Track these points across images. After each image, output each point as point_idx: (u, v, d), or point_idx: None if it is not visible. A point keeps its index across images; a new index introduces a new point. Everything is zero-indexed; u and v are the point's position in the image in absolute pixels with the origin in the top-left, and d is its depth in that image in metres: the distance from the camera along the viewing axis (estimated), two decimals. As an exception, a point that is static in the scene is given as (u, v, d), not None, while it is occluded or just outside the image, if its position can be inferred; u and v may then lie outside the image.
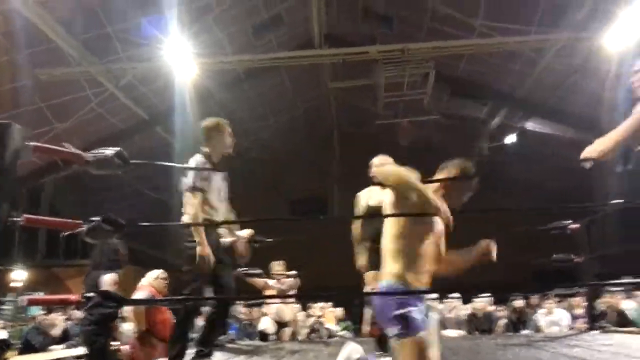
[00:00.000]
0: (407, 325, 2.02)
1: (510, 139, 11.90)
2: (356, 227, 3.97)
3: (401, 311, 2.05)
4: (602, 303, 6.50)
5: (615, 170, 2.46)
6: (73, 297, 1.86)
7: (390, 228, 2.23)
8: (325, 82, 11.61)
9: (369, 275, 3.68)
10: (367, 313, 6.16)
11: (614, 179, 10.31)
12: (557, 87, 10.09)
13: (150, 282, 5.14)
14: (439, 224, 2.23)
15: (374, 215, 3.55)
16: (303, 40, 10.75)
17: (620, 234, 11.22)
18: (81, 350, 5.62)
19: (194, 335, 3.56)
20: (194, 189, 3.32)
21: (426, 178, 2.23)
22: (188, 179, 3.38)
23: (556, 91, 10.21)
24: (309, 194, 15.91)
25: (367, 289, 3.63)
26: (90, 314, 4.27)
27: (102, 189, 12.31)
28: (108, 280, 4.57)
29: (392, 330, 2.05)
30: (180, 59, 8.30)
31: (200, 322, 4.02)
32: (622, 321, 6.13)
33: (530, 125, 11.74)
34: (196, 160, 3.44)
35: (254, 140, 13.88)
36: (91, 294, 1.74)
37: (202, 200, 3.36)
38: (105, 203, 12.25)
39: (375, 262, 3.12)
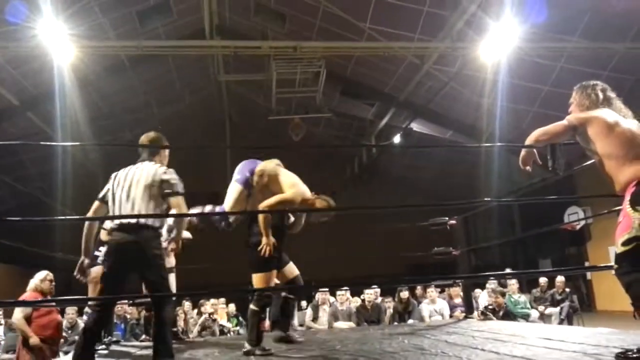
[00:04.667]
0: None
1: (396, 139, 12.51)
2: None
3: None
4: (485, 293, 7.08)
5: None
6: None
7: None
8: (215, 75, 11.35)
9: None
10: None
11: (491, 180, 11.39)
12: (437, 93, 10.83)
13: (37, 284, 4.91)
14: None
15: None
16: (193, 30, 10.38)
17: (494, 229, 12.47)
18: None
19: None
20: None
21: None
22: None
23: (436, 96, 10.96)
24: (199, 188, 15.37)
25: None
26: None
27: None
28: None
29: None
30: (55, 40, 7.58)
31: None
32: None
33: (414, 126, 12.46)
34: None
35: (137, 131, 13.12)
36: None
37: None
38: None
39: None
